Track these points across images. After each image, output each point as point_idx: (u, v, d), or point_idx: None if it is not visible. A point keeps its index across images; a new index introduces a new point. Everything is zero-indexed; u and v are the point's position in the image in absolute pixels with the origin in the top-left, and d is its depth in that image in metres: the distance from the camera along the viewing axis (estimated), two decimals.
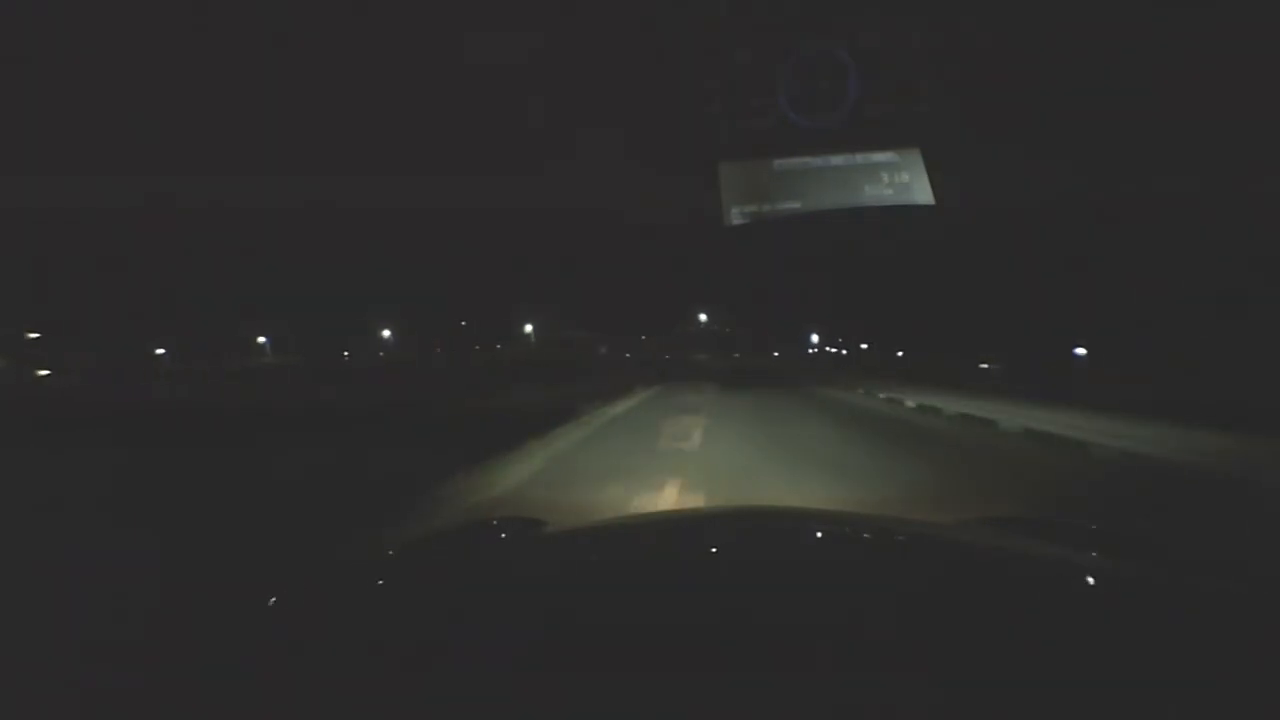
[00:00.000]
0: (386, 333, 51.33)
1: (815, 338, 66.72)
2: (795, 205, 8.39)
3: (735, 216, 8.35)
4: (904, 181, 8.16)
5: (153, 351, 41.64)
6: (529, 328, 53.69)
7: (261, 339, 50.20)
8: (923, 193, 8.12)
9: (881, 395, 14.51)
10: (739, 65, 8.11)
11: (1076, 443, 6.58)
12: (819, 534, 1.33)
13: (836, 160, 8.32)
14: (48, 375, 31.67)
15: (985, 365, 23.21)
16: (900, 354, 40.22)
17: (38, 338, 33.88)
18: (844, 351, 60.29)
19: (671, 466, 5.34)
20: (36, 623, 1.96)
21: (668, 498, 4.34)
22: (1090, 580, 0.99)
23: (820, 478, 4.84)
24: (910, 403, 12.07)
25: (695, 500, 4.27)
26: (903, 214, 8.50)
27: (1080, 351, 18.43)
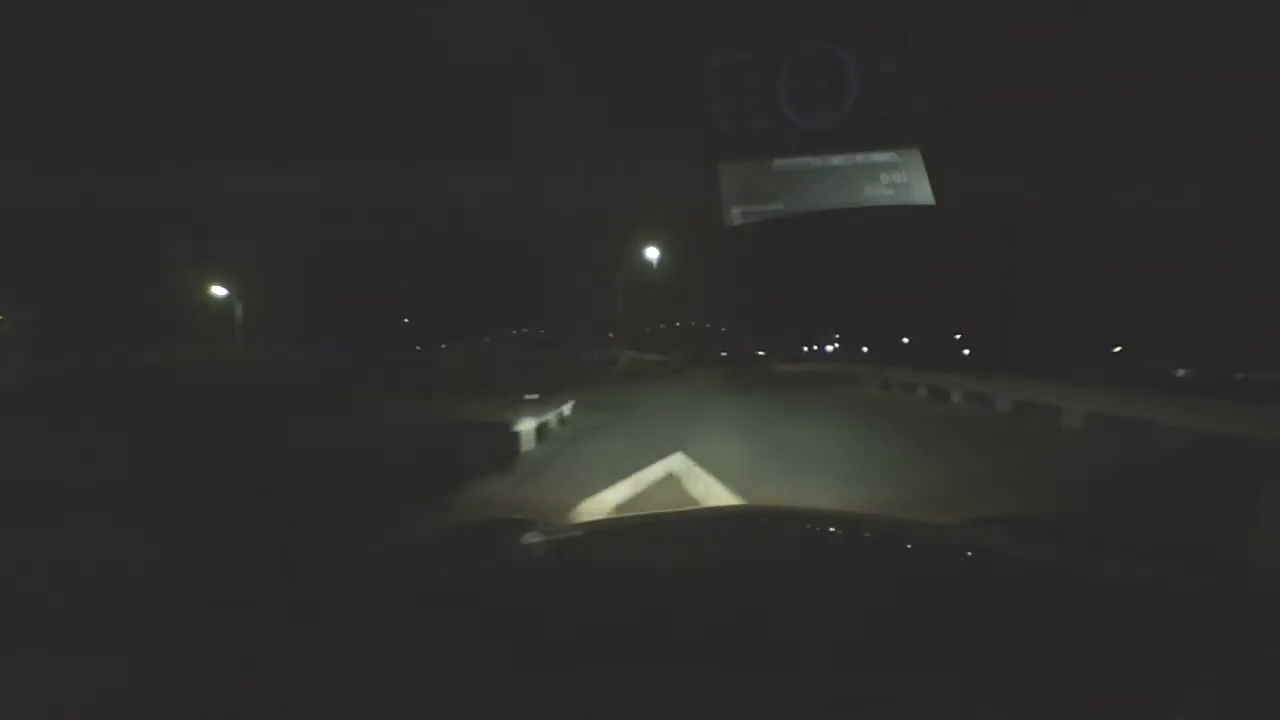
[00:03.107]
0: None
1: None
2: (796, 205, 8.39)
3: (735, 216, 8.35)
4: (904, 182, 8.15)
5: None
6: (220, 291, 25.71)
7: None
8: (923, 193, 8.11)
9: None
10: (739, 65, 8.11)
11: None
12: (820, 535, 1.33)
13: (836, 160, 8.32)
14: None
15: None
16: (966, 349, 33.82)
17: None
18: (866, 349, 57.32)
19: None
20: None
21: None
22: (1090, 581, 0.99)
23: None
24: None
25: None
26: (903, 214, 8.49)
27: None
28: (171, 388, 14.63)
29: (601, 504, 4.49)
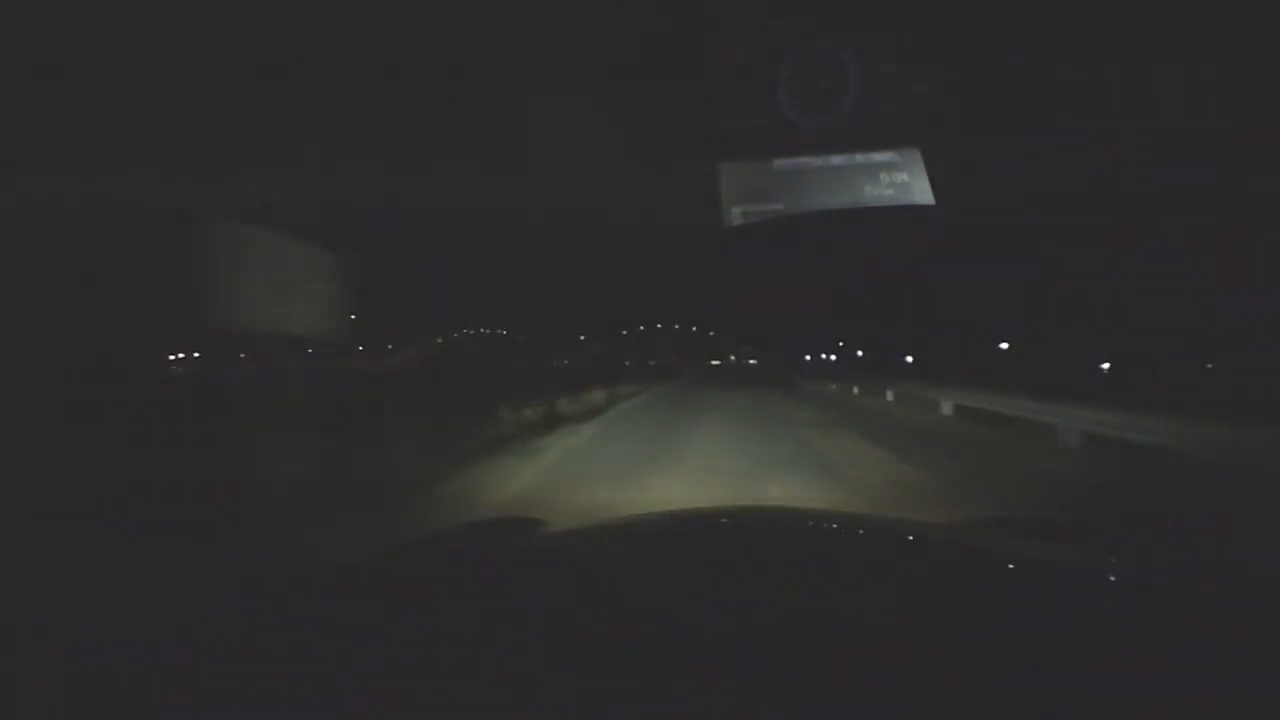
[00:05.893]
0: None
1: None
2: (796, 205, 8.38)
3: (735, 217, 8.34)
4: (904, 181, 8.14)
5: None
6: None
7: None
8: (923, 193, 8.10)
9: None
10: (739, 65, 8.11)
11: None
12: (821, 534, 1.33)
13: (836, 160, 8.31)
14: None
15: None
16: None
17: None
18: (900, 353, 53.04)
19: None
20: None
21: None
22: (1089, 581, 0.99)
23: None
24: None
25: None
26: (902, 214, 8.47)
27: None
28: None
29: None
